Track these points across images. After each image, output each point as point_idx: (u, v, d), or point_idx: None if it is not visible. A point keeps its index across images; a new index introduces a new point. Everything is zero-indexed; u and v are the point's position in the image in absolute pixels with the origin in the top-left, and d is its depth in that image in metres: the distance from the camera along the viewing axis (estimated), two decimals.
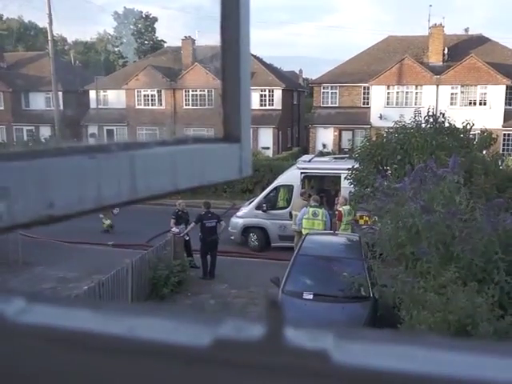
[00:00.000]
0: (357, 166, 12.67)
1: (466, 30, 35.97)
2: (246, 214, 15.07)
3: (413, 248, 7.12)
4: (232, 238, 14.80)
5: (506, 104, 29.21)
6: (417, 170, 7.85)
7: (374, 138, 13.70)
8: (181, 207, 12.89)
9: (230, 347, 0.42)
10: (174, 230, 12.51)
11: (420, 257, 7.00)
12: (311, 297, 8.28)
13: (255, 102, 32.17)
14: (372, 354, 0.41)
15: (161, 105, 34.75)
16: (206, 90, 33.46)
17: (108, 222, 16.00)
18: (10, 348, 0.45)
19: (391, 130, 13.05)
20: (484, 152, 13.21)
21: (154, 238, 14.43)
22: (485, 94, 29.31)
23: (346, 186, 13.42)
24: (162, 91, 34.47)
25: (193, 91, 33.88)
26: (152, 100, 34.84)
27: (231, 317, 0.46)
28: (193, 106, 34.01)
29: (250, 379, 0.41)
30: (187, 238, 12.60)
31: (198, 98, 33.95)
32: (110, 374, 0.44)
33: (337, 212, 12.48)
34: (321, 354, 0.40)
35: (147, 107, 34.72)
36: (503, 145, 28.10)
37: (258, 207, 14.81)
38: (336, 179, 14.87)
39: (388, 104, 30.38)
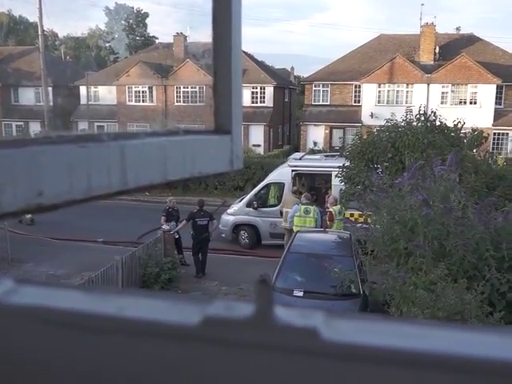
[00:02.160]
0: (347, 163, 12.69)
1: (458, 29, 36.18)
2: (236, 211, 15.06)
3: (406, 243, 7.16)
4: (223, 235, 14.78)
5: (496, 103, 29.40)
6: (416, 166, 7.92)
7: (364, 136, 13.73)
8: (171, 204, 12.83)
9: (219, 325, 0.42)
10: (165, 227, 12.45)
11: (413, 252, 7.04)
12: (301, 294, 8.29)
13: (246, 99, 32.11)
14: (361, 331, 0.42)
15: (152, 101, 34.61)
16: (198, 87, 33.35)
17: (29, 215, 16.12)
18: None
19: (382, 129, 13.09)
20: (474, 151, 13.29)
21: (145, 235, 14.38)
22: (475, 93, 29.46)
23: (336, 184, 13.45)
24: (154, 87, 34.32)
25: (184, 88, 33.76)
26: (143, 96, 34.69)
27: (221, 298, 0.46)
28: (184, 102, 33.89)
29: (239, 356, 0.42)
30: (177, 236, 12.54)
31: (190, 94, 33.83)
32: (100, 353, 0.44)
33: (327, 212, 12.50)
34: (310, 331, 0.41)
35: (138, 104, 34.57)
36: (493, 144, 28.29)
37: (249, 205, 14.80)
38: (327, 177, 14.88)
39: (379, 102, 30.46)
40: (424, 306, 6.12)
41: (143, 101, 34.68)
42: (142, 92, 34.59)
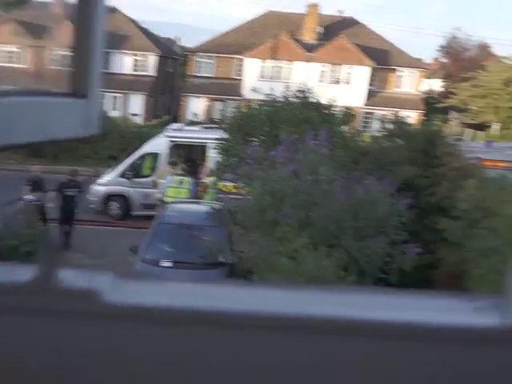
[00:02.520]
0: (226, 136, 12.71)
1: (341, 11, 37.39)
2: (109, 181, 14.51)
3: (275, 213, 7.31)
4: (93, 206, 14.20)
5: (369, 84, 31.06)
6: (291, 140, 8.11)
7: (244, 110, 13.84)
8: (36, 173, 12.01)
9: None
10: (28, 197, 11.61)
11: (281, 221, 7.21)
12: (171, 264, 8.20)
13: (128, 66, 30.98)
14: (150, 293, 0.42)
15: (22, 63, 32.06)
16: None
17: None
18: None
19: (261, 103, 13.28)
20: (346, 127, 13.98)
21: (5, 205, 13.29)
22: (350, 73, 30.87)
23: (213, 156, 13.43)
24: (26, 48, 31.83)
25: (60, 51, 31.71)
26: (15, 58, 32.05)
27: (4, 262, 0.44)
28: (59, 66, 31.82)
29: (16, 321, 0.40)
30: (49, 205, 11.77)
31: (65, 58, 31.86)
32: None
33: (202, 183, 12.44)
34: (91, 294, 0.41)
35: (7, 65, 31.85)
36: (364, 122, 29.88)
37: (123, 175, 14.33)
38: (204, 148, 14.79)
39: (262, 77, 30.82)
40: (286, 273, 6.28)
41: (14, 62, 32.02)
42: (13, 52, 31.95)
